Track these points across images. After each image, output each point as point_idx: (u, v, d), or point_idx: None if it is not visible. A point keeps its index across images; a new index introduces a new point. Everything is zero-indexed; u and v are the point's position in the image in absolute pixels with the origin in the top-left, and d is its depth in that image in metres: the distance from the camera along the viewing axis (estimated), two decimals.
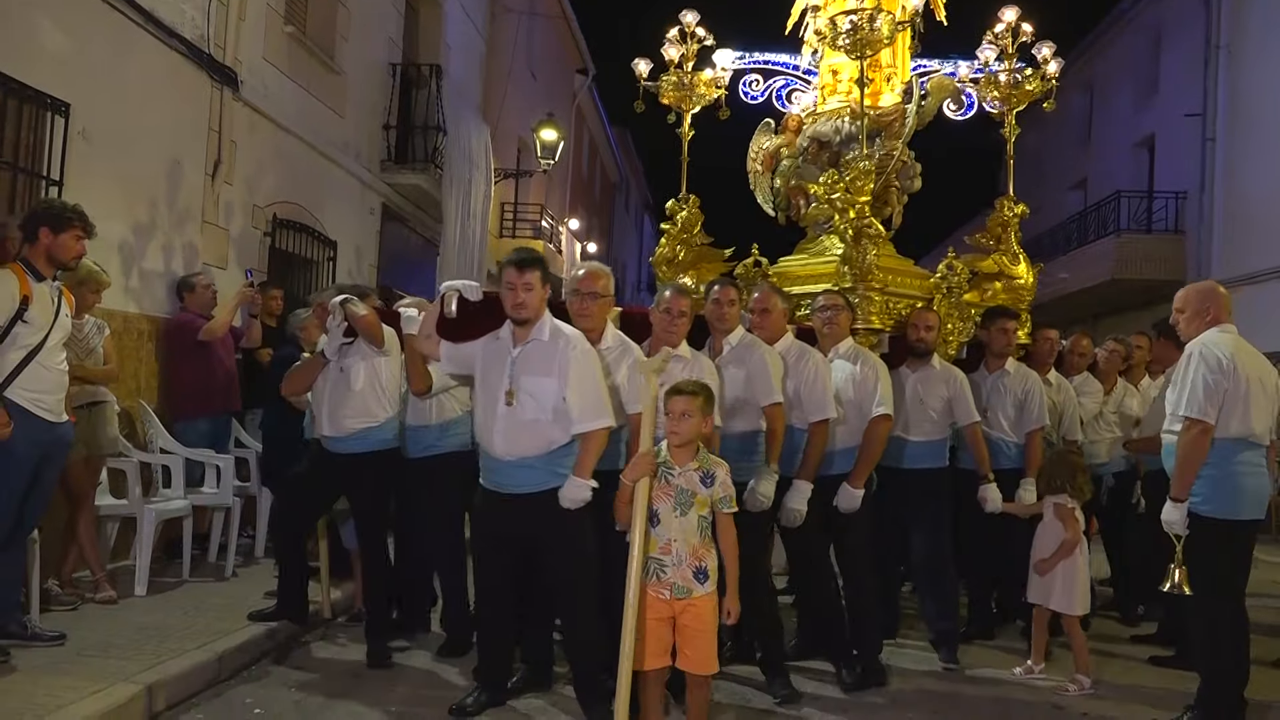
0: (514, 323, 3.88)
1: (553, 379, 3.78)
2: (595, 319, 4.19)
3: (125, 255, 6.52)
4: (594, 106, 23.07)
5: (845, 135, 6.99)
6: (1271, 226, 13.55)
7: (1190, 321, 4.23)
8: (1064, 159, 21.99)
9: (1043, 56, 6.87)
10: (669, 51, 7.10)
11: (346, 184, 10.19)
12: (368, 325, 4.67)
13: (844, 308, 5.15)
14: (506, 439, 3.82)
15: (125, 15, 6.39)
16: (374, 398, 4.77)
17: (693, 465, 3.61)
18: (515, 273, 3.82)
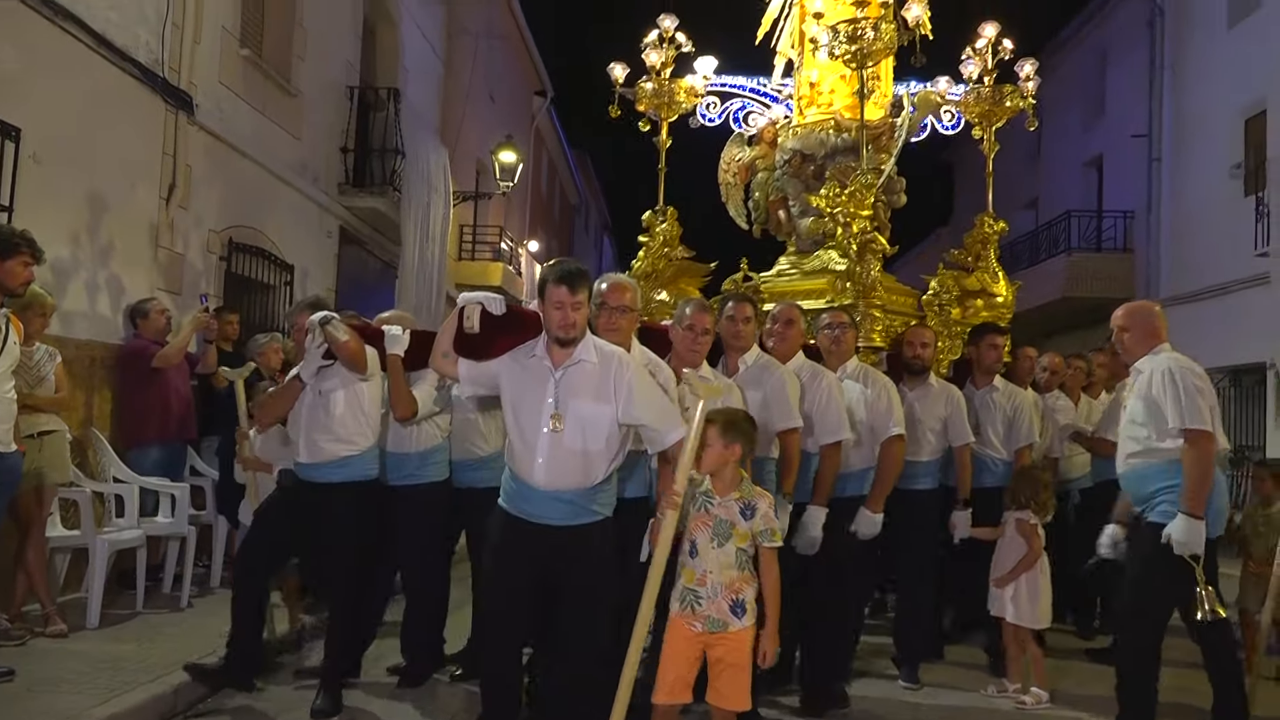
0: (559, 343, 3.50)
1: (608, 406, 3.47)
2: (625, 334, 3.89)
3: (77, 281, 6.43)
4: (553, 128, 23.12)
5: (831, 148, 6.95)
6: (1216, 245, 13.88)
7: (1140, 341, 4.15)
8: (1016, 178, 22.35)
9: (1025, 74, 6.94)
10: (649, 56, 6.99)
11: (303, 207, 10.12)
12: (350, 353, 4.31)
13: (850, 325, 5.07)
14: (550, 468, 3.45)
15: (78, 39, 6.32)
16: (355, 423, 4.43)
17: (734, 495, 3.46)
18: (567, 292, 3.43)
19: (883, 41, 6.18)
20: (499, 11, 16.81)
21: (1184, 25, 15.31)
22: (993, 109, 6.83)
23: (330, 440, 4.39)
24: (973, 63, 6.86)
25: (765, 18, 7.79)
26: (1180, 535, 3.81)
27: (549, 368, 3.50)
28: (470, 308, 3.80)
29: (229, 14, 8.38)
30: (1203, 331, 14.30)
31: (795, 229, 7.23)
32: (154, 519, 6.20)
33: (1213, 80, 14.38)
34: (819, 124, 7.10)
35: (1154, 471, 3.99)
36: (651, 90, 7.01)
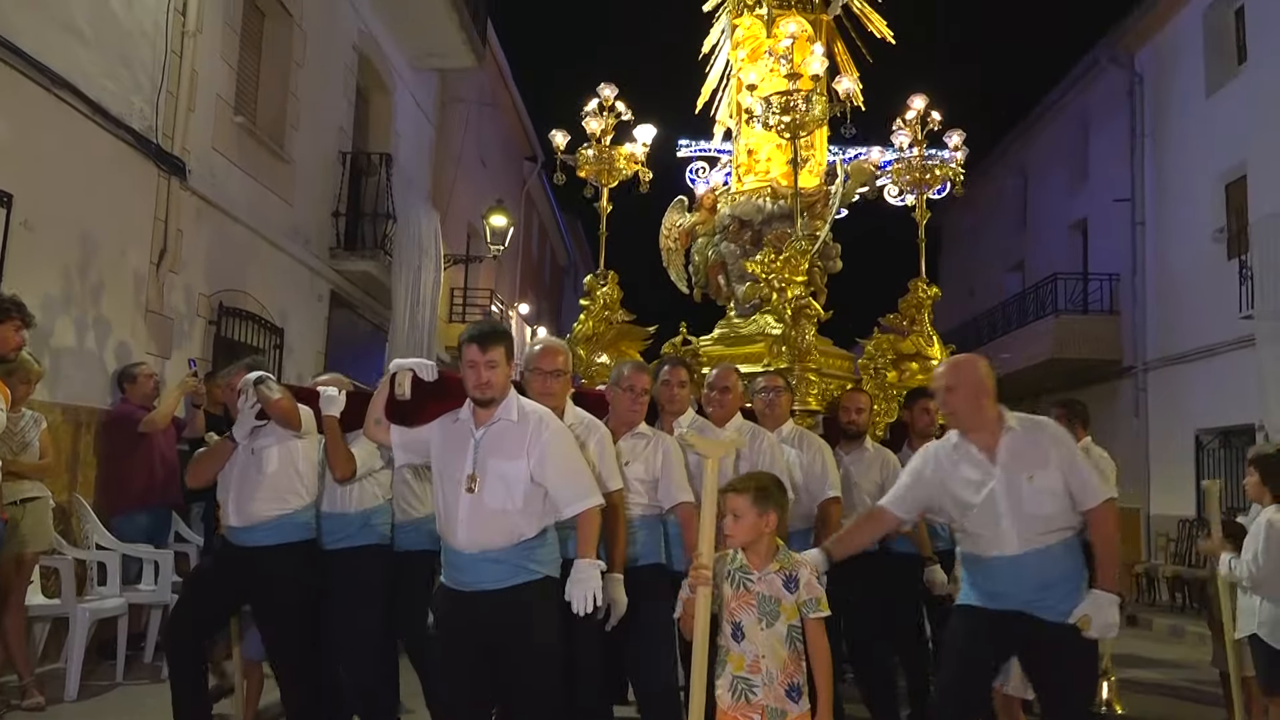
0: (477, 403, 3.45)
1: (522, 462, 3.39)
2: (559, 398, 3.88)
3: (65, 345, 6.41)
4: (543, 192, 23.35)
5: (767, 214, 7.13)
6: (1200, 307, 13.99)
7: (973, 400, 3.58)
8: (1001, 241, 22.62)
9: (953, 144, 7.14)
10: (589, 124, 7.12)
11: (294, 271, 10.15)
12: (283, 412, 4.21)
13: (785, 389, 5.09)
14: (470, 529, 3.37)
15: (73, 107, 6.39)
16: (288, 482, 4.29)
17: (772, 568, 3.19)
18: (477, 350, 3.39)
19: (815, 113, 6.36)
20: (491, 80, 17.06)
21: (1163, 93, 15.60)
22: (923, 177, 6.99)
23: (262, 500, 4.23)
24: (903, 133, 7.04)
25: (705, 87, 8.04)
26: (1108, 618, 3.36)
27: (470, 429, 3.46)
28: (401, 374, 3.75)
29: (223, 82, 8.49)
30: (1191, 393, 14.38)
31: (733, 294, 7.36)
32: (137, 587, 6.10)
33: (1193, 146, 14.61)
34: (755, 191, 7.28)
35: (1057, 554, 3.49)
36: (592, 156, 7.12)
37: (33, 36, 5.98)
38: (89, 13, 6.55)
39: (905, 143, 7.03)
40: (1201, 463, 14.11)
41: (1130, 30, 15.96)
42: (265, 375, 4.30)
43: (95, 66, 6.62)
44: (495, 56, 16.55)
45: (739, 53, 7.72)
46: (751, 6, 7.59)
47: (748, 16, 7.63)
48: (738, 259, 7.24)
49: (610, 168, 7.14)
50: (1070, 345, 16.46)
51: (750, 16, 7.60)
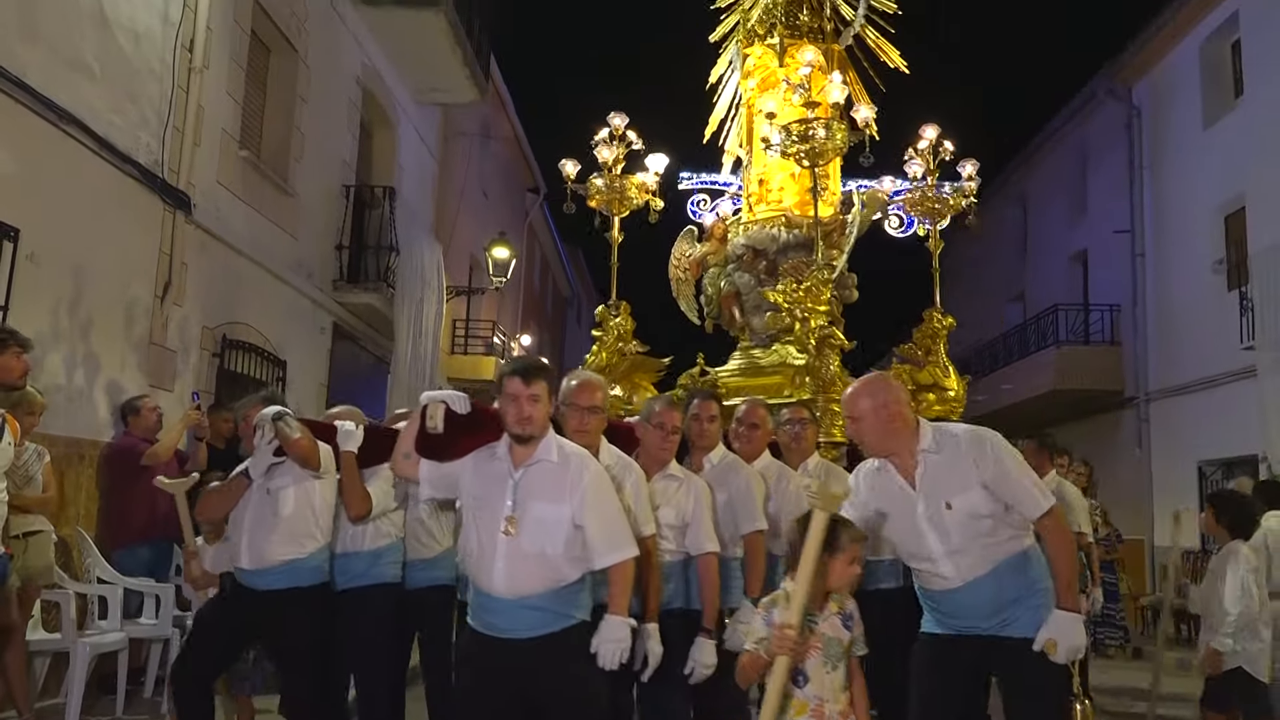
0: (516, 440, 3.30)
1: (564, 506, 3.25)
2: (594, 435, 3.75)
3: (69, 378, 6.42)
4: (545, 224, 23.46)
5: (783, 243, 7.10)
6: (1202, 338, 14.00)
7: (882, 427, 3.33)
8: (1002, 272, 22.67)
9: (967, 174, 7.10)
10: (601, 153, 7.05)
11: (297, 303, 10.19)
12: (303, 450, 4.08)
13: (810, 421, 5.01)
14: (509, 574, 3.20)
15: (80, 142, 6.44)
16: (304, 524, 4.18)
17: (832, 608, 3.11)
18: (520, 383, 3.25)
19: (834, 141, 6.34)
20: (493, 112, 17.19)
21: (1161, 126, 15.71)
22: (936, 207, 6.97)
23: (278, 542, 4.11)
24: (916, 162, 7.00)
25: (713, 117, 8.05)
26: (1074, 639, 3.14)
27: (509, 469, 3.31)
28: (434, 406, 3.50)
29: (229, 117, 8.56)
30: (1194, 424, 14.36)
31: (749, 324, 7.30)
32: (138, 621, 6.08)
33: (1191, 179, 14.69)
34: (770, 220, 7.25)
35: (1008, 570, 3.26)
36: (603, 186, 7.04)
37: (41, 73, 6.04)
38: (97, 50, 6.63)
39: (919, 172, 7.00)
40: (1205, 494, 14.07)
41: (1128, 63, 16.10)
42: (284, 411, 4.16)
43: (103, 102, 6.69)
44: (498, 90, 16.69)
45: (749, 82, 7.73)
46: (762, 36, 7.62)
47: (758, 46, 7.66)
48: (753, 289, 7.22)
49: (622, 197, 7.07)
50: (1072, 376, 16.46)
51: (761, 46, 7.63)
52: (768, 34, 7.58)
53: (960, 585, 3.26)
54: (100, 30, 6.66)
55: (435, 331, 12.17)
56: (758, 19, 7.66)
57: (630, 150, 7.12)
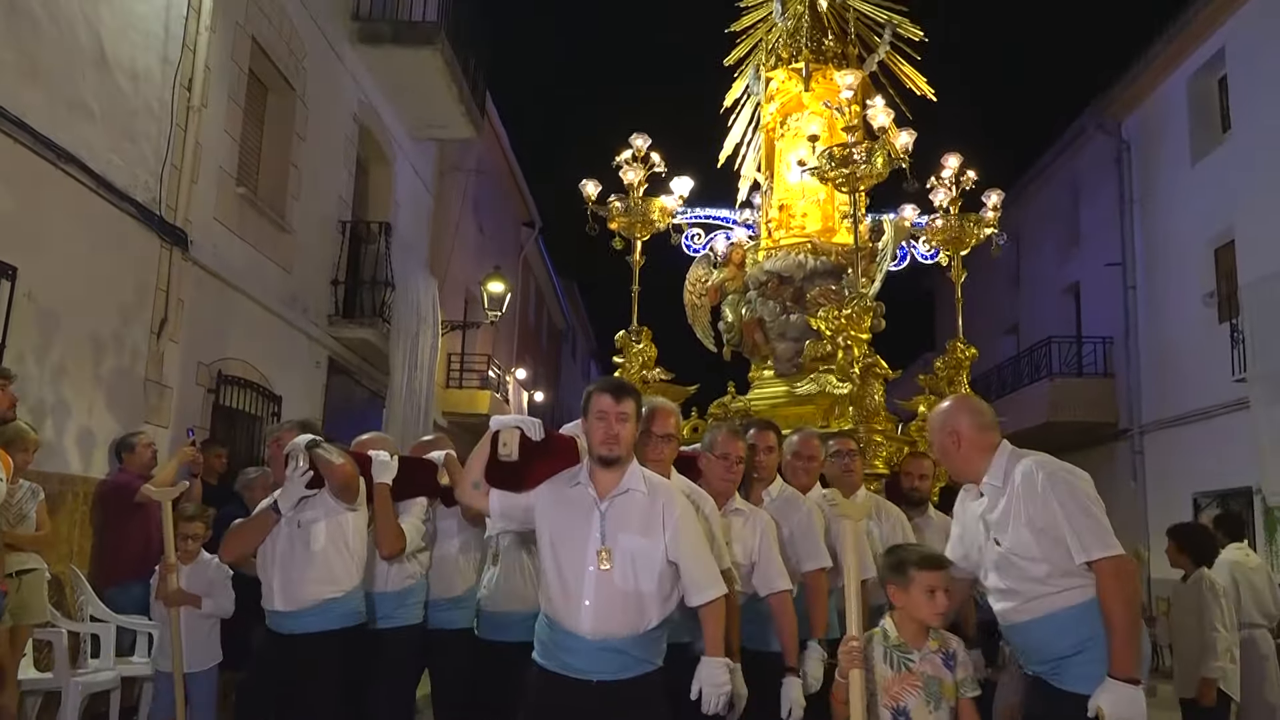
0: (602, 463, 3.13)
1: (657, 541, 3.08)
2: (668, 464, 3.60)
3: (64, 414, 6.43)
4: (540, 257, 23.57)
5: (810, 270, 6.95)
6: (1195, 370, 14.07)
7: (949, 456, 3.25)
8: (996, 304, 22.78)
9: (992, 204, 6.98)
10: (626, 174, 6.86)
11: (293, 339, 10.21)
12: (345, 477, 3.87)
13: (858, 452, 4.79)
14: (598, 613, 3.02)
15: (78, 181, 6.50)
16: (339, 560, 3.93)
17: (931, 645, 2.99)
18: (611, 400, 3.11)
19: (875, 167, 6.17)
20: (489, 148, 17.33)
21: (1150, 160, 15.86)
22: (959, 236, 6.86)
23: (312, 581, 3.89)
24: (941, 192, 6.89)
25: (728, 141, 7.96)
26: (1119, 708, 2.76)
27: (593, 498, 3.13)
28: (507, 433, 3.25)
29: (226, 155, 8.64)
30: (1188, 456, 14.38)
31: (774, 351, 7.16)
32: (130, 659, 6.05)
33: (1181, 213, 14.82)
34: (795, 247, 7.12)
35: (1066, 621, 2.96)
36: (623, 209, 6.88)
37: (42, 114, 6.11)
38: (97, 90, 6.70)
39: (943, 201, 6.86)
40: None
41: (1117, 98, 16.29)
42: (318, 439, 3.96)
43: (102, 141, 6.75)
44: (493, 126, 16.83)
45: (770, 106, 7.63)
46: (787, 60, 7.53)
47: (782, 70, 7.56)
48: (777, 316, 7.08)
49: (644, 220, 6.90)
50: (1065, 408, 16.50)
51: (785, 70, 7.53)
52: (791, 59, 7.52)
53: (1015, 623, 3.06)
54: (100, 71, 6.74)
55: (430, 366, 12.20)
56: (782, 43, 7.61)
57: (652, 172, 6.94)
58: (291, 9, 9.73)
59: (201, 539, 5.07)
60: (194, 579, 4.89)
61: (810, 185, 7.27)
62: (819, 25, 7.55)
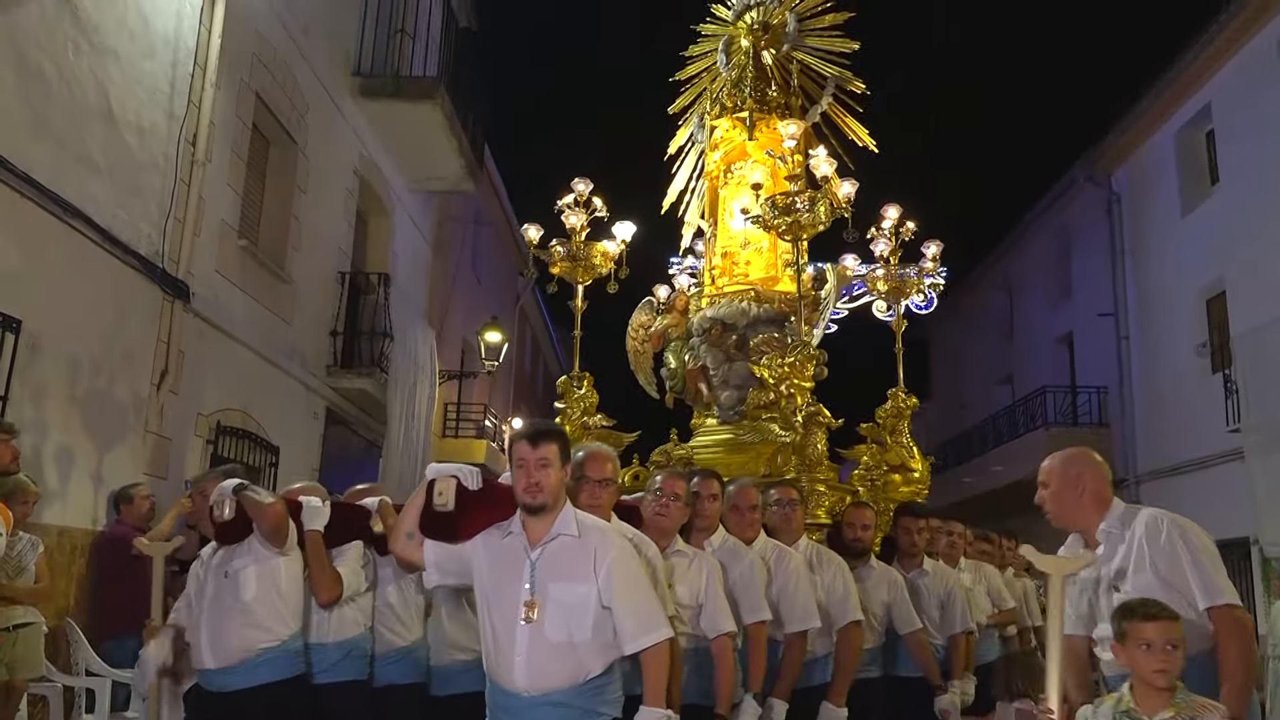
0: (528, 511, 3.02)
1: (589, 586, 2.95)
2: (607, 510, 3.50)
3: (64, 466, 6.44)
4: (537, 307, 23.68)
5: (752, 318, 6.96)
6: (1189, 420, 14.13)
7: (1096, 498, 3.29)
8: (989, 355, 22.92)
9: (931, 254, 7.05)
10: (569, 219, 6.83)
11: (291, 389, 10.24)
12: (275, 518, 3.70)
13: (800, 501, 4.80)
14: (530, 667, 2.90)
15: (83, 234, 6.57)
16: (271, 609, 3.72)
17: (1167, 714, 2.70)
18: (527, 446, 2.99)
19: (817, 215, 6.25)
20: (486, 198, 17.49)
21: (1141, 212, 16.07)
22: (900, 287, 6.95)
23: (242, 632, 3.66)
24: (881, 242, 6.93)
25: (672, 188, 7.99)
26: None
27: (524, 547, 3.02)
28: (443, 481, 3.16)
29: (229, 208, 8.73)
30: (1185, 507, 14.13)
31: (716, 399, 7.13)
32: (124, 715, 5.99)
33: (1172, 263, 14.98)
34: (739, 294, 7.12)
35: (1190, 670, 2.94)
36: (564, 253, 6.80)
37: (49, 169, 6.19)
38: (103, 145, 6.80)
39: (885, 251, 6.94)
40: None
41: (1107, 151, 16.54)
42: (246, 482, 3.84)
43: (107, 195, 6.84)
44: (490, 177, 17.00)
45: (714, 154, 7.67)
46: (730, 109, 7.62)
47: (726, 119, 7.64)
48: (721, 363, 7.06)
49: (586, 264, 6.84)
50: None
51: (730, 119, 7.62)
52: (735, 108, 7.61)
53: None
54: (107, 127, 6.84)
55: (427, 416, 12.22)
56: (725, 92, 7.74)
57: (594, 217, 6.91)
58: (294, 64, 9.89)
59: None
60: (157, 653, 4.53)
61: (753, 233, 7.32)
62: (763, 76, 7.67)
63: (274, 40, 9.39)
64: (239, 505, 3.77)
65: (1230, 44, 13.21)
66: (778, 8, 7.87)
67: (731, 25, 8.00)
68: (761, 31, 7.79)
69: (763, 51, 7.76)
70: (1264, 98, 12.60)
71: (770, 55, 7.75)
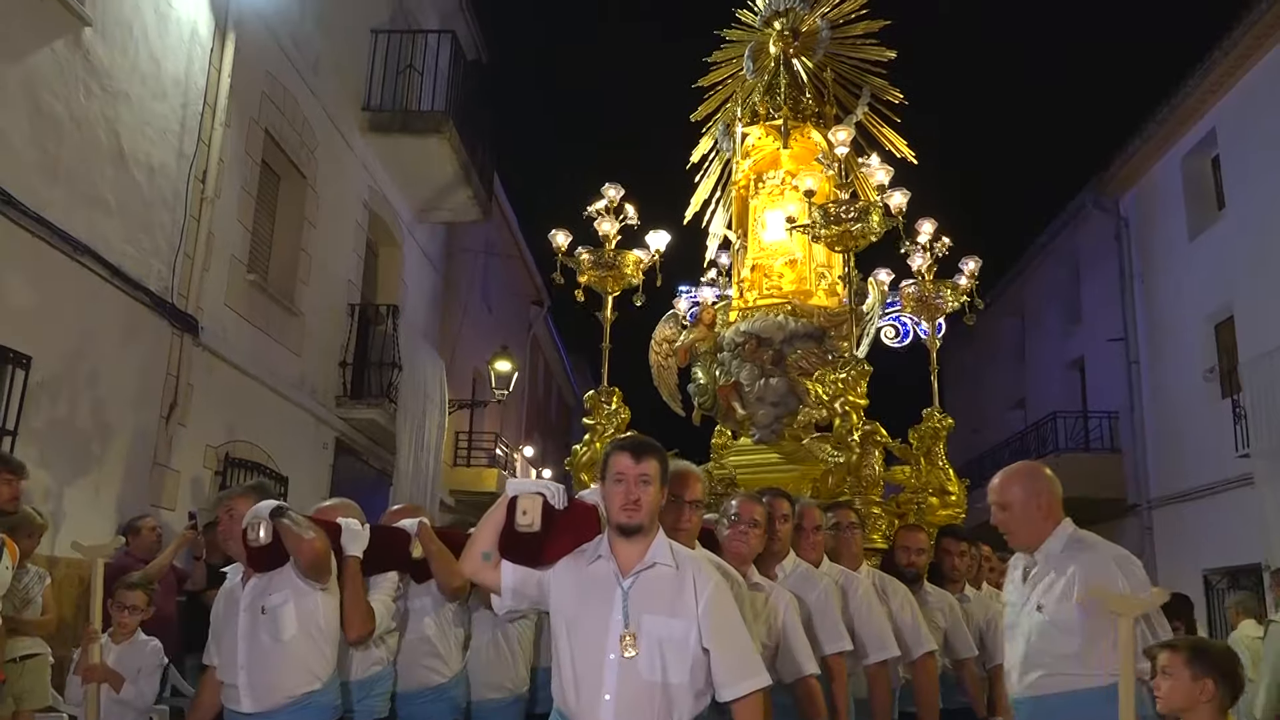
0: (622, 532, 2.77)
1: (689, 623, 2.69)
2: (693, 535, 3.28)
3: (72, 499, 6.57)
4: (549, 334, 23.82)
5: (790, 332, 6.66)
6: (1200, 445, 14.05)
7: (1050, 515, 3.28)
8: (1002, 379, 22.85)
9: (969, 270, 6.73)
10: (601, 226, 6.55)
11: (301, 420, 10.37)
12: (317, 553, 3.40)
13: (859, 525, 4.54)
14: (619, 704, 2.63)
15: (93, 271, 6.73)
16: (313, 648, 3.43)
17: None
18: (630, 460, 2.75)
19: (870, 225, 5.97)
20: (497, 228, 17.66)
21: (1148, 237, 16.05)
22: (933, 303, 6.64)
23: (287, 673, 3.40)
24: (918, 256, 6.65)
25: (695, 197, 7.70)
26: None
27: (614, 574, 2.76)
28: (527, 499, 2.87)
29: (238, 243, 8.90)
30: (1197, 532, 14.27)
31: (751, 416, 6.79)
32: None
33: (1180, 289, 14.95)
34: (774, 308, 6.81)
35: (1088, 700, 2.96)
36: (591, 261, 6.51)
37: (60, 209, 6.37)
38: (114, 184, 6.98)
39: (921, 266, 6.64)
40: (1212, 604, 13.92)
41: (1114, 177, 16.54)
42: (283, 505, 3.49)
43: (118, 233, 7.01)
44: (501, 206, 17.18)
45: (745, 162, 7.41)
46: (764, 116, 7.37)
47: (759, 127, 7.38)
48: (756, 379, 6.71)
49: (617, 274, 6.53)
50: (1073, 483, 16.04)
51: (763, 126, 7.37)
52: (769, 115, 7.35)
53: (1028, 699, 3.07)
54: (118, 167, 7.02)
55: (437, 445, 12.33)
56: (759, 99, 7.48)
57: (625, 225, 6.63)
58: (303, 101, 10.09)
59: (141, 613, 4.66)
60: (124, 659, 4.43)
61: (784, 245, 7.06)
62: (795, 83, 7.43)
63: (283, 78, 9.59)
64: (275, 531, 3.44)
65: (1233, 70, 13.26)
66: (809, 14, 7.58)
67: (760, 31, 7.72)
68: (791, 38, 7.53)
69: (794, 59, 7.50)
70: (1268, 123, 12.63)
71: (801, 62, 7.51)
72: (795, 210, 6.86)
